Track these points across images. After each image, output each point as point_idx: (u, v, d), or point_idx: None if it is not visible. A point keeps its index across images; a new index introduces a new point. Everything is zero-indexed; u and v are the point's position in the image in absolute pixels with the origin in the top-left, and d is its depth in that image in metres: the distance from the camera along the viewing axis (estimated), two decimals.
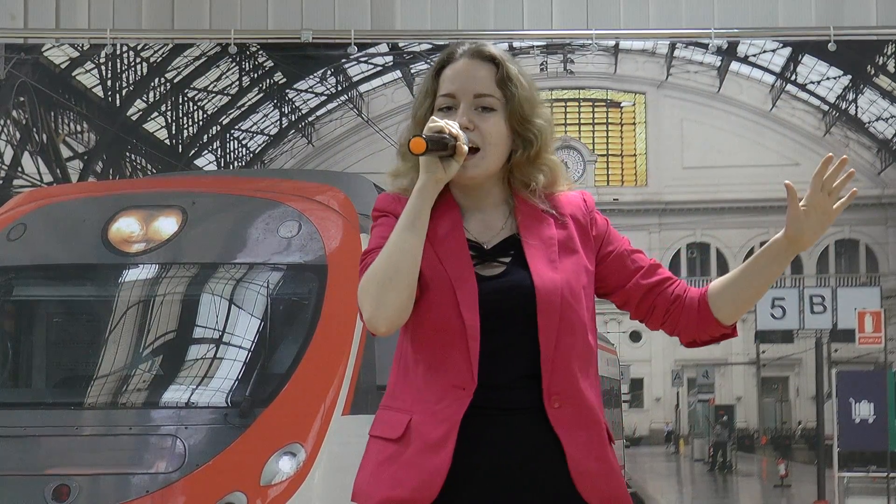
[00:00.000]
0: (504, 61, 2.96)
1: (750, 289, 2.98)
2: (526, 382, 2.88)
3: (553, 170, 2.98)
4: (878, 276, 55.33)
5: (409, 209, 2.84)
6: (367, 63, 47.91)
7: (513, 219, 2.98)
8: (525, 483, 2.86)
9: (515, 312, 2.88)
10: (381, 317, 2.81)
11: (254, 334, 7.96)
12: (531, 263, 2.91)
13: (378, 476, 2.88)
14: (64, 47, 30.79)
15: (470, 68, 2.96)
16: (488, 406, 2.85)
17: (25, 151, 32.13)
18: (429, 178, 2.83)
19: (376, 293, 2.81)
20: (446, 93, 2.95)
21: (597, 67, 58.41)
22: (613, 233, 3.05)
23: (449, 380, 2.85)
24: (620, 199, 62.69)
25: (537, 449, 2.87)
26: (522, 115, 2.94)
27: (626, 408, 34.24)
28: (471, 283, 2.87)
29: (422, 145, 2.80)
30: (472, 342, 2.84)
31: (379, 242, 2.91)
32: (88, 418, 7.64)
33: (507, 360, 2.87)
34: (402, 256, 2.80)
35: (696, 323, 3.02)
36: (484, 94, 2.94)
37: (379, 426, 2.94)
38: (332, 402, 7.50)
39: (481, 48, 2.98)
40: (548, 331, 2.87)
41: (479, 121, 2.92)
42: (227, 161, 45.82)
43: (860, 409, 17.67)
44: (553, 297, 2.88)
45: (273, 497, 7.20)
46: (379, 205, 3.00)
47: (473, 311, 2.85)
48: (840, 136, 55.82)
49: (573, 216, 3.00)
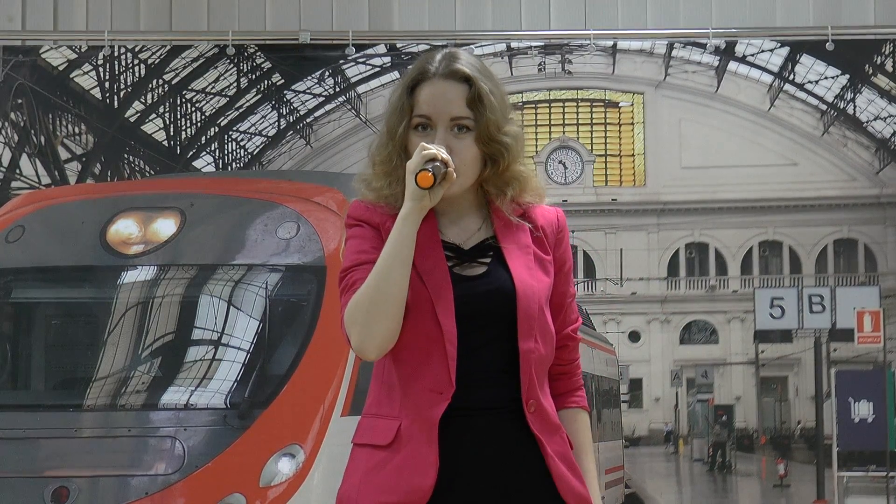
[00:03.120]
0: (476, 80, 2.99)
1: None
2: (502, 381, 2.93)
3: (522, 180, 3.03)
4: (876, 275, 55.29)
5: (396, 237, 2.86)
6: (365, 64, 47.90)
7: (488, 223, 3.03)
8: (510, 485, 2.91)
9: (495, 314, 2.93)
10: (371, 345, 2.86)
11: (252, 336, 7.96)
12: (512, 267, 2.96)
13: (367, 483, 2.92)
14: (62, 49, 30.80)
15: (445, 91, 2.99)
16: (467, 407, 2.90)
17: (23, 153, 32.11)
18: (414, 206, 2.87)
19: (365, 322, 2.85)
20: (423, 114, 2.99)
21: (595, 67, 58.38)
22: (568, 273, 3.10)
23: (427, 385, 2.90)
24: (619, 200, 62.69)
25: (519, 450, 2.93)
26: (489, 136, 2.98)
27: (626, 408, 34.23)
28: (447, 290, 2.92)
29: (430, 180, 2.85)
30: (450, 347, 2.88)
31: (355, 259, 2.95)
32: (87, 420, 7.63)
33: (484, 359, 2.92)
34: (390, 287, 2.84)
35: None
36: (459, 116, 2.98)
37: (366, 434, 2.98)
38: (331, 403, 7.50)
39: (455, 67, 3.00)
40: (526, 334, 2.93)
41: (455, 144, 2.96)
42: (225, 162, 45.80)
43: (859, 409, 17.67)
44: (532, 303, 2.94)
45: (272, 498, 7.20)
46: (353, 213, 3.03)
47: (450, 317, 2.89)
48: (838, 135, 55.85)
49: (544, 230, 3.05)
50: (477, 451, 2.90)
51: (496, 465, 2.90)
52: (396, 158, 2.98)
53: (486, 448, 2.90)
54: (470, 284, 2.94)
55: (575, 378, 3.13)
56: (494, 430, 2.91)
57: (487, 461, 2.90)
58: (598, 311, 54.18)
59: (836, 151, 57.13)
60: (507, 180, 3.01)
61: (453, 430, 2.88)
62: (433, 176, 2.85)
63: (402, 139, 2.98)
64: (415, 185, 2.85)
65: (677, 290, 62.61)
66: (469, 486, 2.89)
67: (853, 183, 57.36)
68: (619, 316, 61.33)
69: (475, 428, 2.90)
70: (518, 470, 2.92)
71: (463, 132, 2.97)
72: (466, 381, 2.89)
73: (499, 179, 3.00)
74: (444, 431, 2.88)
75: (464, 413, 2.89)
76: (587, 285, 58.80)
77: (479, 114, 2.97)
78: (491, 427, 2.91)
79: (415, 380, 2.91)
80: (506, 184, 3.01)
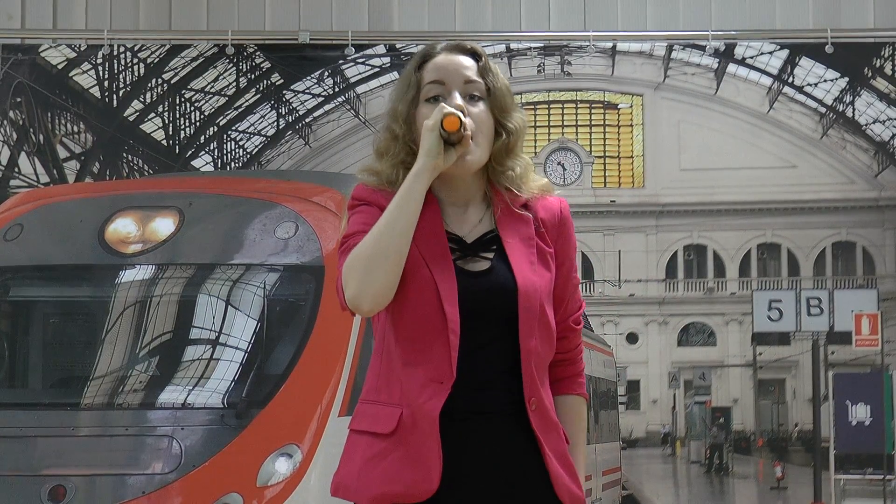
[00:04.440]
0: (483, 54, 3.02)
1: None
2: (504, 380, 2.92)
3: (525, 165, 3.03)
4: (874, 278, 55.34)
5: (404, 190, 2.84)
6: (364, 64, 47.89)
7: (490, 213, 3.01)
8: (509, 485, 2.91)
9: (497, 311, 2.91)
10: (367, 294, 2.82)
11: (250, 335, 7.96)
12: (514, 263, 2.94)
13: (369, 472, 2.89)
14: (61, 48, 30.79)
15: (455, 59, 3.00)
16: (468, 402, 2.89)
17: (22, 152, 32.11)
18: (427, 163, 2.85)
19: (364, 270, 2.81)
20: (435, 79, 2.97)
21: (594, 69, 58.44)
22: (571, 264, 3.08)
23: (428, 373, 2.87)
24: (618, 201, 62.74)
25: (518, 448, 2.93)
26: (504, 104, 2.98)
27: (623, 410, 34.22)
28: (452, 278, 2.89)
29: (457, 123, 2.81)
30: (453, 336, 2.86)
31: (358, 227, 2.92)
32: (85, 419, 7.63)
33: (486, 357, 2.91)
34: (393, 236, 2.81)
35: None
36: (473, 80, 2.97)
37: (366, 421, 2.94)
38: (328, 403, 7.49)
39: (461, 43, 3.03)
40: (528, 333, 2.91)
41: (471, 110, 2.95)
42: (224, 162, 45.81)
43: (857, 412, 17.68)
44: (534, 301, 2.92)
45: (269, 498, 7.20)
46: (357, 194, 3.00)
47: (454, 304, 2.87)
48: (837, 138, 55.87)
49: (545, 222, 3.03)
50: (479, 451, 2.89)
51: (497, 464, 2.90)
52: (402, 138, 2.97)
53: (487, 448, 2.90)
54: (473, 280, 2.92)
55: (576, 364, 3.11)
56: (496, 430, 2.91)
57: (489, 461, 2.90)
58: (596, 313, 54.19)
59: (835, 154, 57.16)
60: (514, 157, 3.00)
61: (457, 428, 2.87)
62: (459, 120, 2.81)
63: (408, 116, 2.96)
64: (438, 132, 2.81)
65: (675, 291, 62.64)
66: (470, 484, 2.88)
67: (852, 186, 57.37)
68: (617, 317, 61.36)
69: (478, 427, 2.89)
70: (517, 470, 2.92)
71: (476, 101, 2.96)
72: (469, 380, 2.88)
73: (508, 157, 2.99)
74: (448, 429, 2.86)
75: (467, 412, 2.88)
76: (585, 287, 58.81)
77: (490, 83, 2.97)
78: (493, 427, 2.90)
79: (416, 367, 2.88)
80: (514, 160, 2.99)
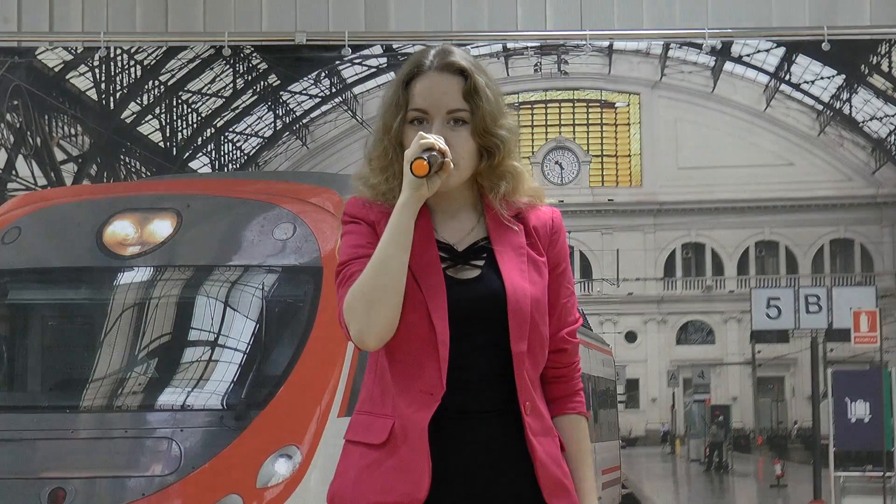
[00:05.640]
0: (472, 72, 3.00)
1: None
2: (493, 385, 2.93)
3: (516, 176, 3.03)
4: (873, 275, 55.41)
5: (394, 226, 2.87)
6: (361, 65, 47.92)
7: (482, 222, 3.03)
8: (501, 489, 2.93)
9: (488, 319, 2.93)
10: (371, 334, 2.86)
11: (249, 337, 7.95)
12: (504, 271, 2.96)
13: (363, 482, 2.92)
14: (58, 50, 30.78)
15: (440, 83, 2.99)
16: (458, 409, 2.91)
17: (19, 155, 32.11)
18: (412, 195, 2.87)
19: (365, 311, 2.85)
20: (419, 108, 2.99)
21: (591, 68, 58.48)
22: (563, 274, 3.08)
23: (419, 386, 2.90)
24: (615, 200, 62.79)
25: (511, 453, 2.94)
26: (485, 128, 2.98)
27: (622, 408, 34.24)
28: (441, 292, 2.92)
29: (425, 168, 2.84)
30: (442, 349, 2.89)
31: (352, 252, 2.95)
32: (84, 421, 7.63)
33: (478, 363, 2.93)
34: (388, 275, 2.84)
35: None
36: (456, 108, 2.98)
37: (360, 431, 2.97)
38: (327, 404, 7.50)
39: (449, 60, 3.00)
40: (519, 337, 2.93)
41: (452, 136, 2.96)
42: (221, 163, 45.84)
43: (856, 409, 17.69)
44: (523, 306, 2.93)
45: (269, 499, 7.20)
46: (349, 210, 3.02)
47: (443, 319, 2.90)
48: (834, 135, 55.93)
49: (537, 231, 3.04)
50: (470, 455, 2.91)
51: (488, 468, 2.91)
52: (392, 153, 2.98)
53: (479, 452, 2.91)
54: (463, 289, 2.93)
55: (573, 382, 3.10)
56: (488, 433, 2.92)
57: (480, 465, 2.91)
58: (594, 312, 54.24)
59: (833, 151, 57.22)
60: (501, 174, 3.00)
61: (449, 434, 2.89)
62: (428, 164, 2.84)
63: (397, 134, 2.98)
64: (410, 173, 2.85)
65: (674, 290, 62.72)
66: (462, 489, 2.90)
67: (849, 183, 57.43)
68: (616, 316, 61.45)
69: (469, 431, 2.91)
70: (509, 473, 2.93)
71: (459, 125, 2.97)
72: (460, 385, 2.90)
73: (493, 173, 3.00)
74: (440, 434, 2.88)
75: (459, 417, 2.90)
76: (583, 286, 58.88)
77: (474, 106, 2.97)
78: (485, 431, 2.92)
79: (408, 380, 2.91)
80: (500, 178, 3.00)
